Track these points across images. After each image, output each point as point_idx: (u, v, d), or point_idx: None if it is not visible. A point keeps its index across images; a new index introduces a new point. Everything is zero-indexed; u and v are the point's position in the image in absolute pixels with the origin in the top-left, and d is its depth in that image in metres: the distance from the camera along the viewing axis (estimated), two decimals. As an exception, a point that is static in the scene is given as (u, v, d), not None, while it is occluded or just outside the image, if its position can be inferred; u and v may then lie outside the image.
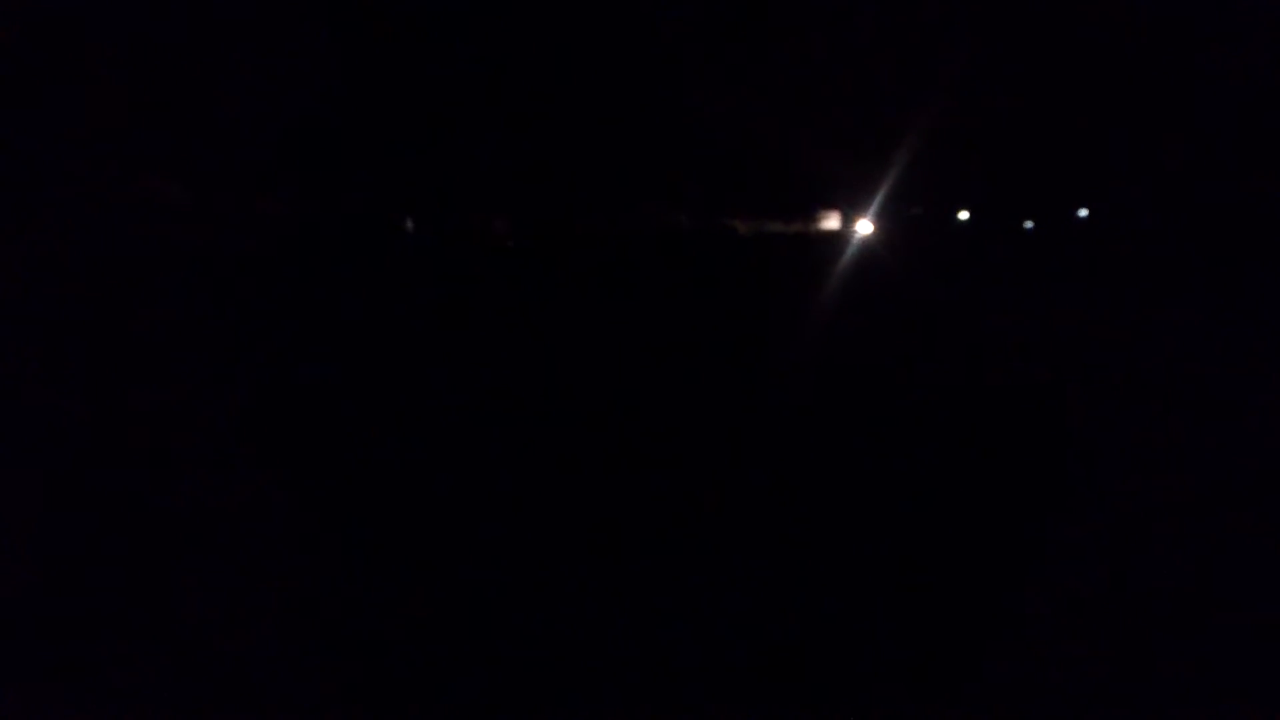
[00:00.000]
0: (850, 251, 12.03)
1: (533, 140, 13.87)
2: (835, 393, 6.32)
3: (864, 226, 12.59)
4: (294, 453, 4.82)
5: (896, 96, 11.55)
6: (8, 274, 7.17)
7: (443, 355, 7.35)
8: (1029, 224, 12.81)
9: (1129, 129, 11.29)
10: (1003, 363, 7.29)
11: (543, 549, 3.67)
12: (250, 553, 3.58)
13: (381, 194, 13.24)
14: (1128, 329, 8.56)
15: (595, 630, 3.03)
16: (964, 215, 13.21)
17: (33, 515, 3.92)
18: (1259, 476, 4.35)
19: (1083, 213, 12.41)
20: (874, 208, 12.02)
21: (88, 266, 7.85)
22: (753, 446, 4.94)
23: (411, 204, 13.37)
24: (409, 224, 13.20)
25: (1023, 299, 10.50)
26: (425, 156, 12.67)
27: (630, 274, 12.20)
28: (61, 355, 6.24)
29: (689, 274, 12.10)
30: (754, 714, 2.64)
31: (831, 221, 13.32)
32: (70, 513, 3.99)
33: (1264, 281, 9.53)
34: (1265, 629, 2.97)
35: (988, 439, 5.08)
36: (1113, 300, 10.00)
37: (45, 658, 2.88)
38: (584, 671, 2.83)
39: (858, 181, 11.85)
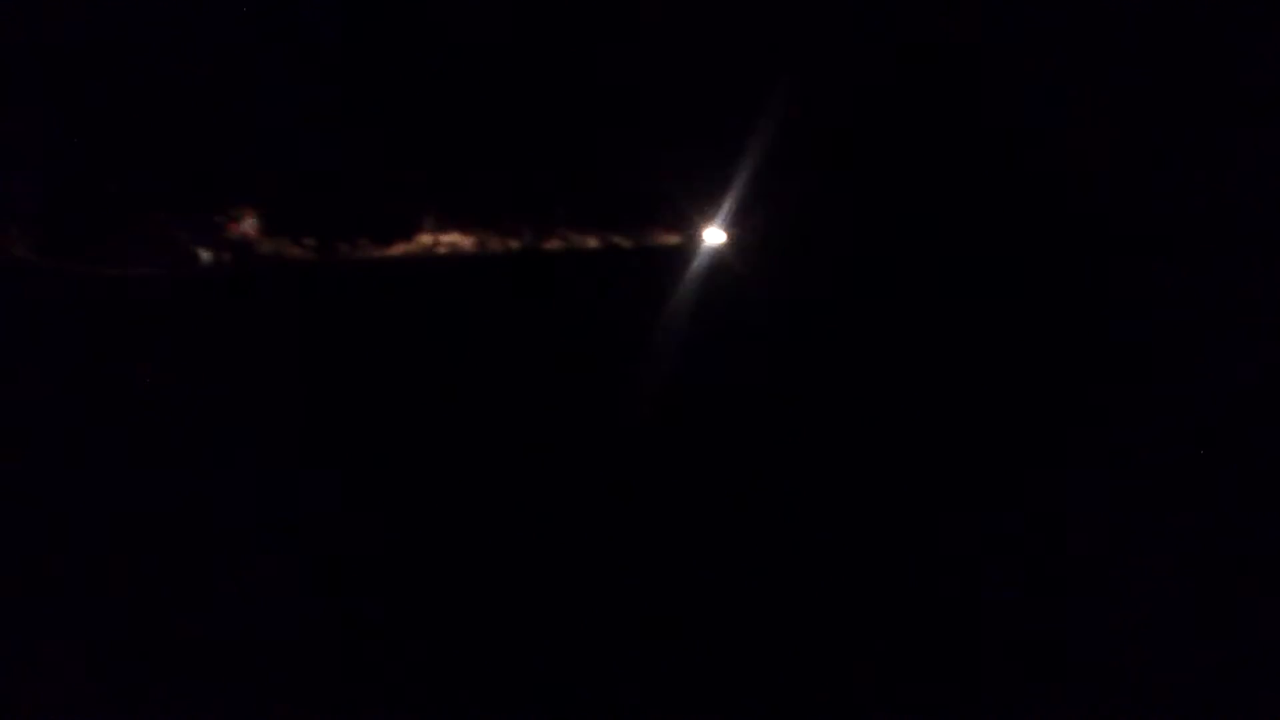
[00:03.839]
0: (697, 268, 9.89)
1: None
2: (688, 429, 5.88)
3: (714, 236, 10.47)
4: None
5: (746, 77, 9.71)
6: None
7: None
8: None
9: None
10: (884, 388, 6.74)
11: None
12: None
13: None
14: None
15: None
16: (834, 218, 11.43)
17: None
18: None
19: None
20: (726, 212, 9.90)
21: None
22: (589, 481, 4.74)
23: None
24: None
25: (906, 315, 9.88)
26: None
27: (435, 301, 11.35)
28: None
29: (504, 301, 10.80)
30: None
31: (670, 233, 11.21)
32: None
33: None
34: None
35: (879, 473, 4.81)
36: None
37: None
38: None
39: (704, 181, 9.72)
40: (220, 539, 4.17)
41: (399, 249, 14.42)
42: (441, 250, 13.06)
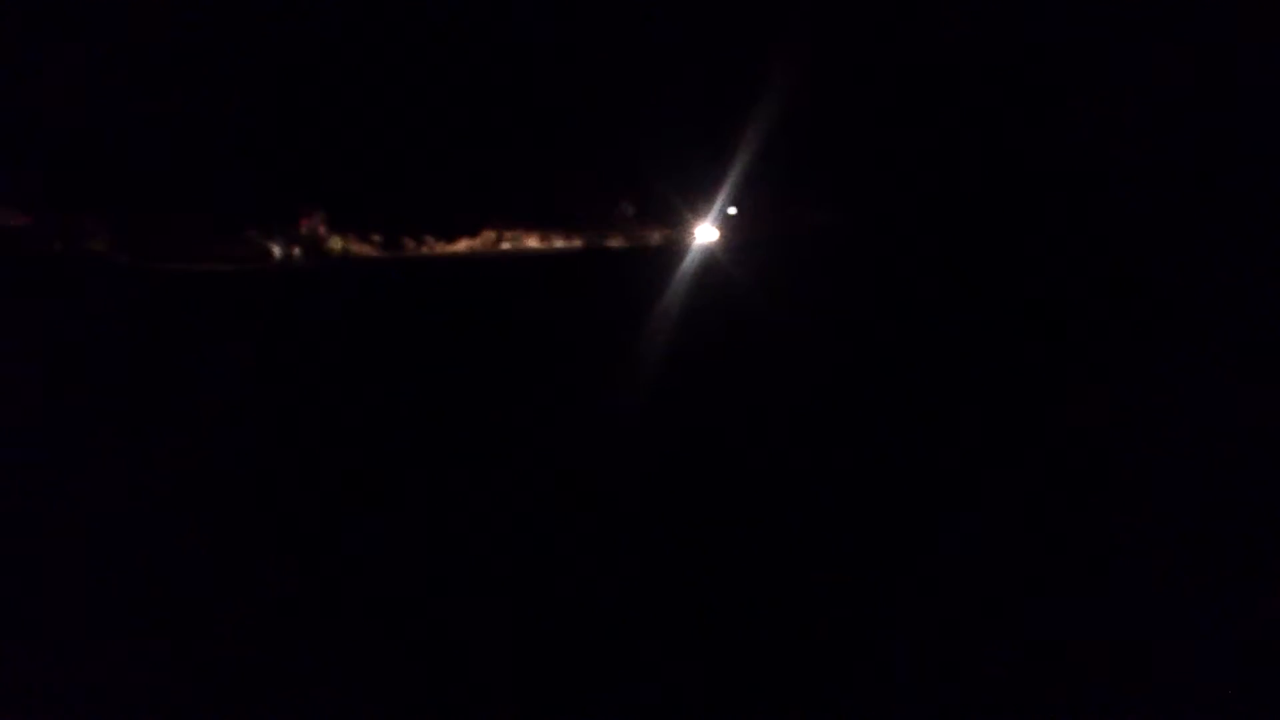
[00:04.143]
0: (688, 267, 9.90)
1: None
2: (677, 434, 5.62)
3: (706, 234, 10.47)
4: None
5: (738, 75, 9.67)
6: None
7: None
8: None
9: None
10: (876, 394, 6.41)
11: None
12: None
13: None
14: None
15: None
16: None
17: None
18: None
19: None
20: (719, 210, 9.89)
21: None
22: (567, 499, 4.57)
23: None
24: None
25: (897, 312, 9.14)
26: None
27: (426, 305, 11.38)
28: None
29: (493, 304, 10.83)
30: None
31: (662, 232, 11.23)
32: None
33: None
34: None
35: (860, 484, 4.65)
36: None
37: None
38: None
39: (695, 178, 9.75)
40: (290, 520, 4.19)
41: (416, 251, 14.93)
42: (436, 252, 13.63)
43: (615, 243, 12.87)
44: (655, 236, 11.27)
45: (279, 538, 4.00)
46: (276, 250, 19.86)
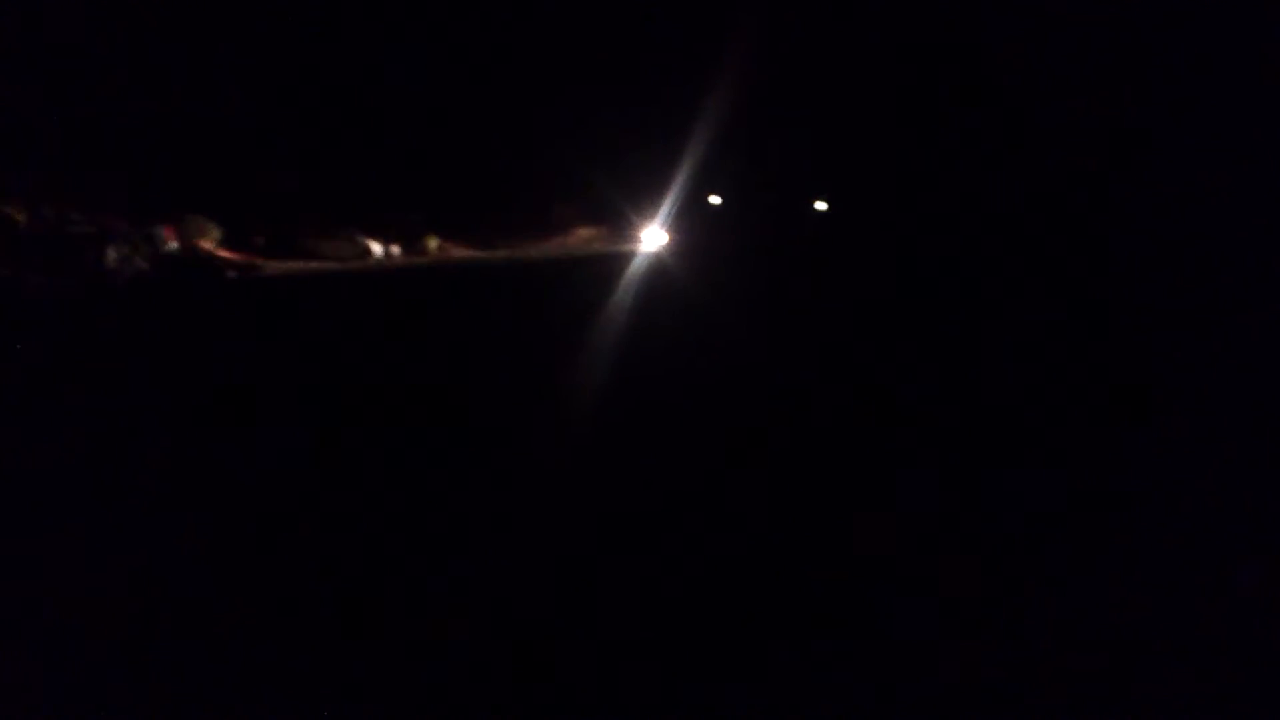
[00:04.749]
0: (634, 274, 9.82)
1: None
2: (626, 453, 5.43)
3: (654, 238, 10.28)
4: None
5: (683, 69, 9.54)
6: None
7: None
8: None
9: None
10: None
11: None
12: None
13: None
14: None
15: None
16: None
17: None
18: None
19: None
20: (669, 211, 9.71)
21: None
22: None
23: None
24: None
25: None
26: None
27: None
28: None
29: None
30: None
31: (606, 237, 11.09)
32: None
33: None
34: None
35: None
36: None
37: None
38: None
39: (643, 179, 9.66)
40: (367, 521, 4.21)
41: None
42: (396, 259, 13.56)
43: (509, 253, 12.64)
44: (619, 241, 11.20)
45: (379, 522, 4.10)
46: (377, 249, 21.60)
